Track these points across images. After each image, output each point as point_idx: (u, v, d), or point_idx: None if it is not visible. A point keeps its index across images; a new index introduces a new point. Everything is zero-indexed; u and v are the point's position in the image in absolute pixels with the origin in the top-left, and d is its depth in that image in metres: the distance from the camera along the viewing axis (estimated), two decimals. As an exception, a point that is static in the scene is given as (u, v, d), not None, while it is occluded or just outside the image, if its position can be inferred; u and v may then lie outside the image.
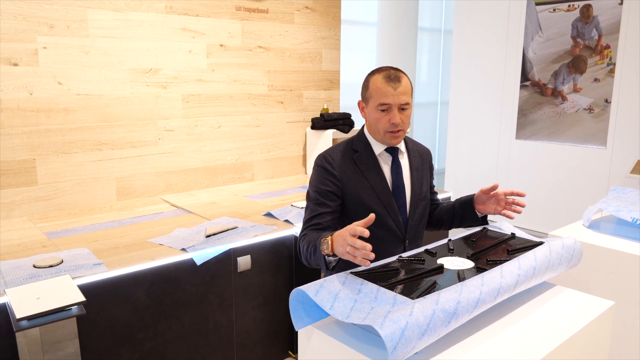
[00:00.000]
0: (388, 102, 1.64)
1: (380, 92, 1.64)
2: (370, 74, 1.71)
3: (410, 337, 1.02)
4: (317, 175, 1.73)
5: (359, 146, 1.76)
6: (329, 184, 1.70)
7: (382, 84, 1.64)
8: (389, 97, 1.63)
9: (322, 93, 4.27)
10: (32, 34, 2.81)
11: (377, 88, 1.65)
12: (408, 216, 1.76)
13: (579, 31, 4.17)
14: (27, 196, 2.91)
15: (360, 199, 1.70)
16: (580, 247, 1.53)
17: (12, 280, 1.99)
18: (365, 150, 1.75)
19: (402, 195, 1.74)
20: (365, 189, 1.70)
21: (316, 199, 1.70)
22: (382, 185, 1.72)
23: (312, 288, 1.22)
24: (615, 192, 2.45)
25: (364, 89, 1.71)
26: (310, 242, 1.56)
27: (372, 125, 1.71)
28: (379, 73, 1.67)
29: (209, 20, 3.50)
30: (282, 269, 2.74)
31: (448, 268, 1.37)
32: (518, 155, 4.66)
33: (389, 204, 1.71)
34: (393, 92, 1.63)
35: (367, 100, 1.70)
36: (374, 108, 1.67)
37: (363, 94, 1.72)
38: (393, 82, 1.64)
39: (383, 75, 1.65)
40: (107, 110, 3.13)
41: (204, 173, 3.66)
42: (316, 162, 1.76)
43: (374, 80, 1.67)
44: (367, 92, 1.69)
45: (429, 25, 6.71)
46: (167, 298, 2.31)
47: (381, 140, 1.72)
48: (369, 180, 1.71)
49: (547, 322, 1.27)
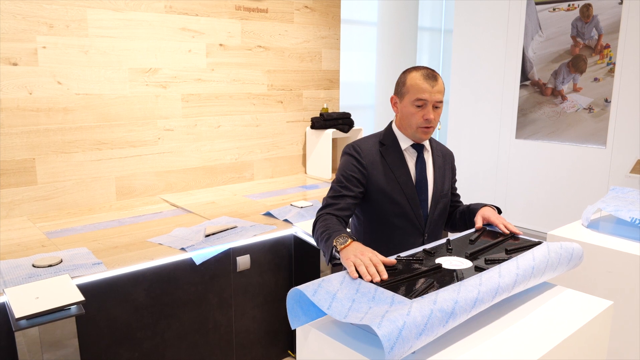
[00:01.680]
0: (424, 98, 1.71)
1: (418, 88, 1.71)
2: (407, 71, 1.78)
3: (408, 336, 1.02)
4: (345, 162, 1.82)
5: (387, 140, 1.84)
6: (356, 170, 1.78)
7: (420, 81, 1.71)
8: (426, 93, 1.71)
9: (322, 92, 4.27)
10: (32, 33, 2.81)
11: (415, 84, 1.72)
12: (429, 211, 1.84)
13: (578, 31, 4.17)
14: (26, 196, 2.92)
15: (384, 189, 1.78)
16: (580, 248, 1.53)
17: (11, 279, 2.00)
18: (393, 144, 1.83)
19: (424, 191, 1.82)
20: (390, 180, 1.79)
21: (340, 182, 1.79)
22: (406, 179, 1.80)
23: (310, 288, 1.22)
24: (614, 192, 2.44)
25: (400, 85, 1.78)
26: (328, 228, 1.61)
27: (405, 120, 1.78)
28: (417, 71, 1.74)
29: (208, 20, 3.50)
30: (282, 269, 2.74)
31: (446, 268, 1.37)
32: (518, 154, 4.66)
33: (412, 197, 1.79)
34: (430, 89, 1.71)
35: (403, 96, 1.76)
36: (409, 103, 1.74)
37: (399, 90, 1.79)
38: (431, 80, 1.72)
39: (422, 73, 1.73)
40: (106, 110, 3.13)
41: (203, 173, 3.66)
42: (345, 150, 1.85)
43: (412, 76, 1.74)
44: (404, 87, 1.75)
45: (429, 25, 6.71)
46: (166, 298, 2.31)
47: (411, 135, 1.80)
48: (394, 173, 1.79)
49: (545, 322, 1.27)
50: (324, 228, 1.62)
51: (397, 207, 1.79)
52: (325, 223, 1.65)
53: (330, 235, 1.55)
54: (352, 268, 1.31)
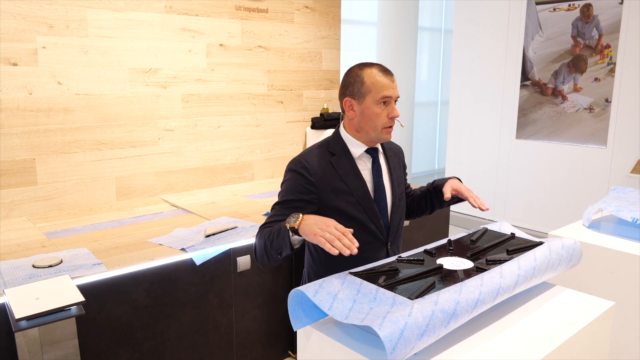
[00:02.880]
0: (389, 95, 1.59)
1: (381, 85, 1.58)
2: (357, 69, 1.63)
3: (410, 337, 1.02)
4: (291, 181, 1.62)
5: (335, 149, 1.67)
6: (304, 191, 1.60)
7: (380, 77, 1.59)
8: (389, 89, 1.59)
9: (322, 93, 4.27)
10: (32, 33, 2.81)
11: (376, 82, 1.59)
12: (390, 219, 1.71)
13: (579, 31, 4.17)
14: (26, 196, 2.91)
15: (338, 206, 1.61)
16: (580, 247, 1.53)
17: (11, 280, 1.99)
18: (343, 153, 1.66)
19: (383, 198, 1.69)
20: (345, 195, 1.62)
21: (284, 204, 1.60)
22: (362, 190, 1.65)
23: (311, 289, 1.22)
24: (615, 192, 2.44)
25: (356, 85, 1.61)
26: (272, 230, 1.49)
27: (367, 122, 1.62)
28: (370, 67, 1.61)
29: (208, 20, 3.50)
30: (282, 269, 2.74)
31: (447, 268, 1.37)
32: (518, 154, 4.66)
33: (370, 209, 1.65)
34: (392, 84, 1.60)
35: (363, 96, 1.60)
36: (373, 103, 1.59)
37: (355, 90, 1.61)
38: (389, 74, 1.62)
39: (379, 69, 1.61)
40: (106, 110, 3.13)
41: (203, 173, 3.65)
42: (290, 167, 1.64)
43: (370, 74, 1.60)
44: (363, 87, 1.59)
45: (429, 25, 6.71)
46: (166, 298, 2.31)
47: (375, 137, 1.65)
48: (348, 186, 1.63)
49: (546, 323, 1.27)
50: (269, 233, 1.50)
51: (355, 223, 1.62)
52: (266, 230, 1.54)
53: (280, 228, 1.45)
54: (328, 245, 1.28)
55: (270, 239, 1.49)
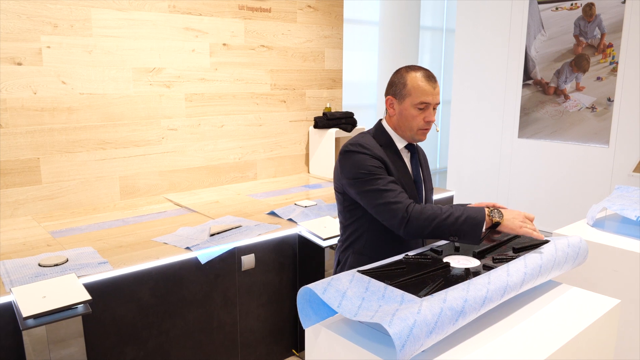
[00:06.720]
0: (428, 101, 1.67)
1: (421, 90, 1.66)
2: (404, 71, 1.71)
3: (419, 335, 1.03)
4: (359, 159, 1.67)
5: (381, 140, 1.76)
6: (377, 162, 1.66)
7: (423, 83, 1.67)
8: (429, 96, 1.67)
9: (325, 92, 4.28)
10: (36, 33, 2.82)
11: (417, 86, 1.66)
12: None
13: (581, 30, 4.17)
14: (31, 195, 2.92)
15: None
16: (585, 246, 1.53)
17: (17, 279, 2.00)
18: (389, 144, 1.76)
19: (420, 190, 1.80)
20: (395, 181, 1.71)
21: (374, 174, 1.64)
22: (407, 179, 1.75)
23: (320, 286, 1.22)
24: (619, 191, 2.45)
25: (399, 86, 1.70)
26: (455, 211, 1.53)
27: (404, 122, 1.71)
28: (415, 72, 1.68)
29: (212, 20, 3.50)
30: (286, 268, 2.74)
31: (454, 266, 1.38)
32: (520, 154, 4.66)
33: (413, 197, 1.74)
34: (433, 91, 1.68)
35: (403, 97, 1.69)
36: (411, 105, 1.68)
37: (397, 91, 1.70)
38: (432, 81, 1.68)
39: (423, 75, 1.68)
40: (110, 110, 3.14)
41: (207, 172, 3.66)
42: (350, 149, 1.70)
43: (413, 78, 1.67)
44: (405, 89, 1.68)
45: (431, 24, 6.71)
46: (171, 297, 2.32)
47: (409, 136, 1.74)
48: (397, 172, 1.72)
49: (552, 321, 1.27)
50: (449, 213, 1.53)
51: None
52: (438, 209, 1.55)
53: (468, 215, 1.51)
54: (535, 234, 1.51)
55: (456, 221, 1.51)
